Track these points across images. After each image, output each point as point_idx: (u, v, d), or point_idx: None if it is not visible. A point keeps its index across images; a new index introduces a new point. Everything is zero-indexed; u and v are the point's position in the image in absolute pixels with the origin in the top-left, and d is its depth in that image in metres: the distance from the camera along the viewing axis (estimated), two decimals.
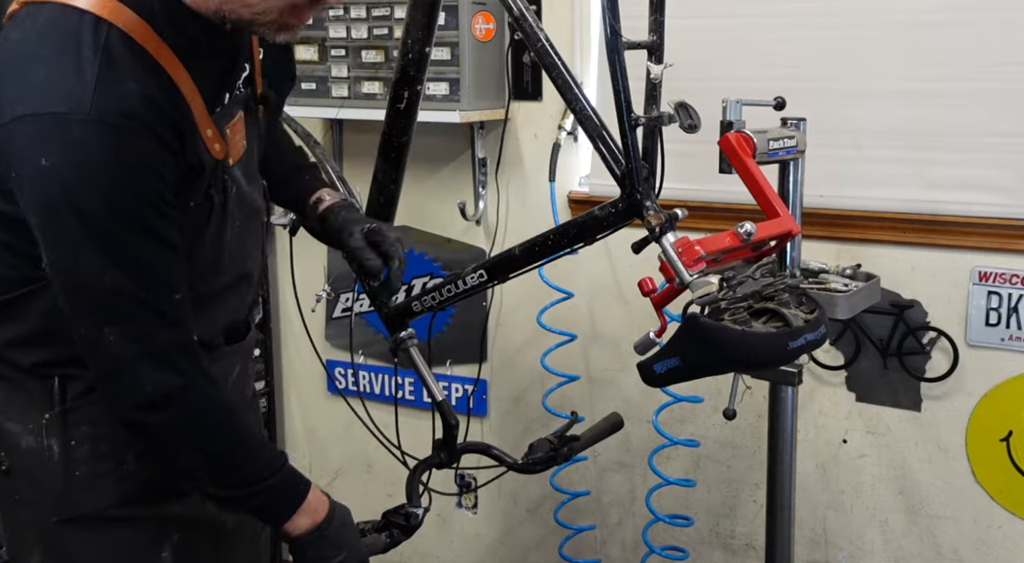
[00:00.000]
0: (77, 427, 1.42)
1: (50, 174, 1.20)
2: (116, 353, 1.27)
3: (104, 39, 1.22)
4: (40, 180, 1.21)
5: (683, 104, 1.48)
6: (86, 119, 1.19)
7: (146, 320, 1.28)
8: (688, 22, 1.48)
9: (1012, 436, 2.17)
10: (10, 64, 1.25)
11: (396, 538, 1.62)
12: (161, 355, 1.29)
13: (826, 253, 2.21)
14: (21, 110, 1.20)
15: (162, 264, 1.29)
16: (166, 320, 1.30)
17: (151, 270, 1.27)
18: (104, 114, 1.20)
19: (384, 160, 1.82)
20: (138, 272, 1.26)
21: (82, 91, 1.19)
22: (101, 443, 1.42)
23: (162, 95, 1.26)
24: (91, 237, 1.23)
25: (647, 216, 1.41)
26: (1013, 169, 2.08)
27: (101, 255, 1.23)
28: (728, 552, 2.53)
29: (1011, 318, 2.13)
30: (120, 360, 1.28)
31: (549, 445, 1.83)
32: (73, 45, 1.21)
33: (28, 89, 1.21)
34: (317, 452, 3.07)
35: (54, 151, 1.19)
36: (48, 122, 1.19)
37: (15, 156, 1.22)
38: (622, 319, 2.53)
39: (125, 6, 1.25)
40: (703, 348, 1.42)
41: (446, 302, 1.73)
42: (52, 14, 1.25)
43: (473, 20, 2.39)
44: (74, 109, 1.19)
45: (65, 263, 1.25)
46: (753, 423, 2.41)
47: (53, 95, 1.20)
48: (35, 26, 1.25)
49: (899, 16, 2.12)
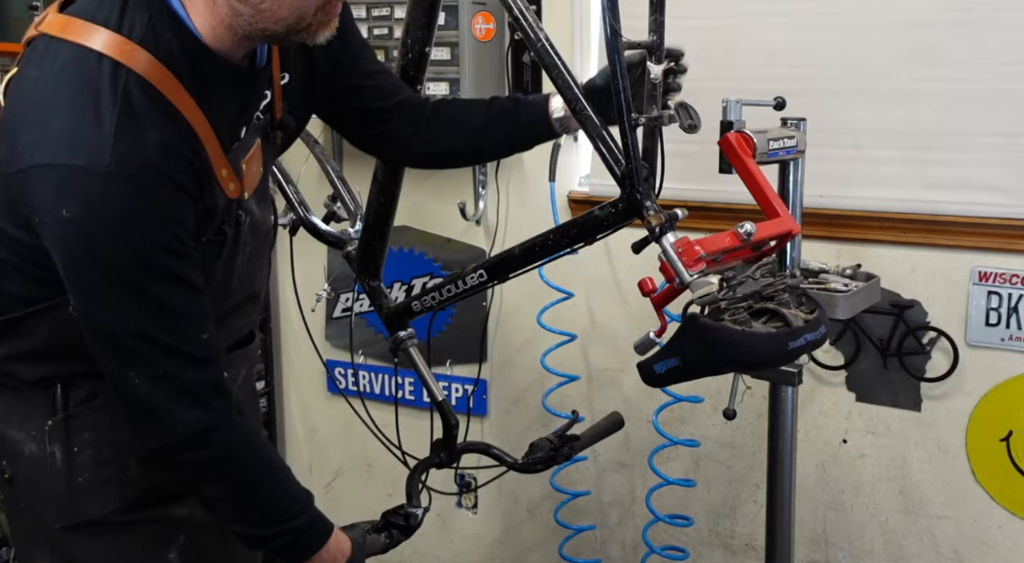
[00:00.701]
0: (80, 433, 1.42)
1: (72, 226, 1.20)
2: (145, 394, 1.28)
3: (123, 86, 1.21)
4: (62, 231, 1.22)
5: (683, 104, 1.48)
6: (106, 172, 1.18)
7: (172, 363, 1.29)
8: (688, 22, 1.48)
9: (1012, 436, 2.17)
10: (28, 107, 1.24)
11: (395, 538, 1.62)
12: (191, 394, 1.30)
13: (826, 253, 2.21)
14: (40, 158, 1.20)
15: (187, 306, 1.29)
16: (194, 360, 1.31)
17: (176, 314, 1.28)
18: (123, 166, 1.19)
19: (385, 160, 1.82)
20: (163, 317, 1.27)
21: (101, 143, 1.18)
22: (103, 449, 1.43)
23: (180, 141, 1.25)
24: (114, 286, 1.24)
25: (647, 216, 1.41)
26: (1013, 169, 2.08)
27: (125, 303, 1.24)
28: (728, 552, 2.53)
29: (1011, 318, 2.13)
30: (151, 400, 1.29)
31: (549, 445, 1.83)
32: (91, 93, 1.20)
33: (46, 137, 1.20)
34: (317, 452, 3.07)
35: (74, 203, 1.19)
36: (67, 174, 1.19)
37: (36, 202, 1.22)
38: (622, 319, 2.53)
39: (142, 48, 1.23)
40: (703, 348, 1.42)
41: (446, 302, 1.72)
42: (69, 56, 1.23)
43: (473, 20, 2.39)
44: (93, 162, 1.18)
45: (89, 309, 1.26)
46: (753, 423, 2.41)
47: (72, 146, 1.19)
48: (52, 68, 1.23)
49: (899, 16, 2.12)
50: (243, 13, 1.26)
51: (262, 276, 1.61)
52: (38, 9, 2.76)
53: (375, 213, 1.85)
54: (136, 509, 1.44)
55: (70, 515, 1.43)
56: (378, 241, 1.88)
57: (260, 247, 1.55)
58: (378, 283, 1.92)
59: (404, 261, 2.75)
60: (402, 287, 2.78)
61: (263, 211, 1.52)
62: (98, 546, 1.44)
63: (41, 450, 1.42)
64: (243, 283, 1.51)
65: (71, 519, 1.43)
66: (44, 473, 1.42)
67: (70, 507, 1.43)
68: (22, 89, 1.26)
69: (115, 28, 1.23)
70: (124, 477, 1.43)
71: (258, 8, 1.25)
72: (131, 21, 1.24)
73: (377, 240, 1.88)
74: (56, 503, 1.43)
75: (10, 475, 1.46)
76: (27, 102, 1.24)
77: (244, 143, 1.39)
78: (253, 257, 1.51)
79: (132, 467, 1.43)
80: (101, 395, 1.41)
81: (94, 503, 1.43)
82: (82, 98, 1.20)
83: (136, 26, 1.24)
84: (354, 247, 1.96)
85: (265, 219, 1.54)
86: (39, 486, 1.44)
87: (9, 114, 1.26)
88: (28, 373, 1.42)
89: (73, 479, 1.42)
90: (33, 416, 1.42)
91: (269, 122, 1.46)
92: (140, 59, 1.22)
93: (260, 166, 1.46)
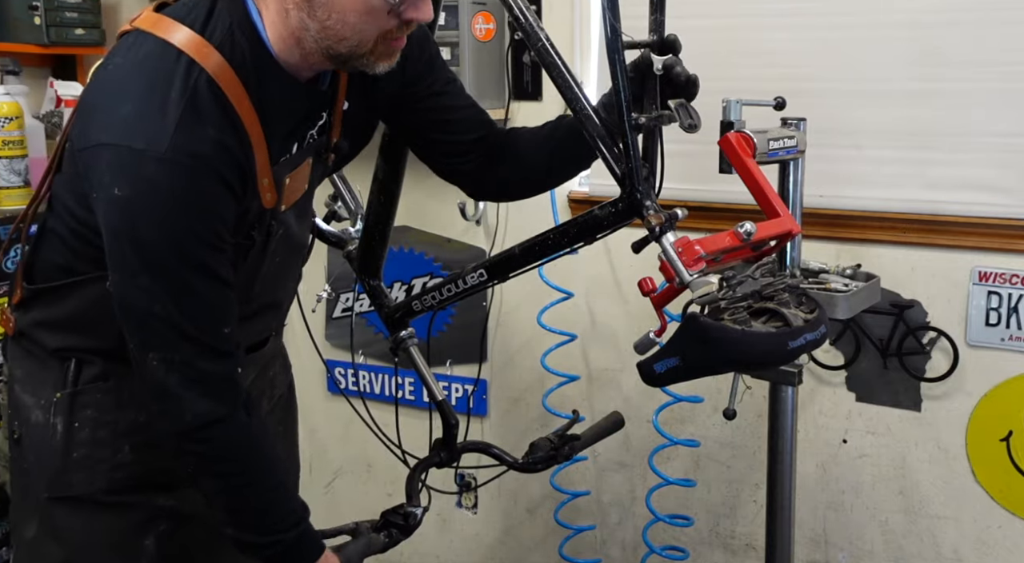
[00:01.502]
0: (83, 410, 1.47)
1: (120, 203, 1.27)
2: (160, 378, 1.33)
3: (193, 83, 1.27)
4: (111, 207, 1.28)
5: (683, 104, 1.47)
6: (161, 157, 1.24)
7: (190, 351, 1.33)
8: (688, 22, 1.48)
9: (1012, 436, 2.17)
10: (105, 91, 1.32)
11: (395, 538, 1.62)
12: (203, 384, 1.34)
13: (826, 253, 2.21)
14: (105, 138, 1.27)
15: (214, 299, 1.34)
16: (212, 352, 1.34)
17: (202, 304, 1.33)
18: (178, 154, 1.25)
19: (385, 160, 1.82)
20: (189, 305, 1.31)
21: (162, 131, 1.25)
22: (101, 430, 1.48)
23: (235, 142, 1.31)
24: (148, 266, 1.29)
25: (647, 216, 1.41)
26: (1013, 169, 2.08)
27: (155, 284, 1.29)
28: (728, 552, 2.53)
29: (1011, 318, 2.13)
30: (164, 384, 1.33)
31: (549, 444, 1.83)
32: (164, 84, 1.27)
33: (114, 120, 1.27)
34: (317, 452, 3.07)
35: (127, 183, 1.26)
36: (125, 155, 1.25)
37: (95, 179, 1.29)
38: (622, 319, 2.53)
39: (218, 51, 1.30)
40: (703, 348, 1.42)
41: (446, 301, 1.72)
42: (152, 49, 1.30)
43: (473, 20, 2.39)
44: (151, 146, 1.25)
45: (122, 286, 1.31)
46: (753, 423, 2.41)
47: (135, 130, 1.26)
48: (135, 58, 1.31)
49: (899, 16, 2.12)
50: (311, 28, 1.31)
51: (289, 287, 1.67)
52: (38, 9, 2.76)
53: (376, 213, 1.85)
54: (122, 492, 1.49)
55: (60, 487, 1.48)
56: (378, 241, 1.88)
57: (291, 260, 1.60)
58: (378, 283, 1.92)
59: (404, 261, 2.76)
60: (402, 287, 2.78)
61: (300, 226, 1.58)
62: (80, 521, 1.49)
63: (45, 420, 1.48)
64: (266, 290, 1.55)
65: (60, 491, 1.48)
66: (44, 442, 1.48)
67: (61, 480, 1.48)
68: (105, 73, 1.34)
69: (199, 30, 1.31)
70: (116, 460, 1.48)
71: (324, 25, 1.30)
72: (214, 26, 1.31)
73: (377, 240, 1.88)
74: (49, 473, 1.48)
75: (19, 435, 1.52)
76: (105, 85, 1.32)
77: (293, 159, 1.44)
78: (282, 268, 1.56)
79: (126, 451, 1.48)
80: (112, 377, 1.47)
81: (83, 479, 1.48)
82: (155, 88, 1.27)
83: (217, 30, 1.31)
84: (355, 246, 1.96)
85: (301, 234, 1.60)
86: (38, 454, 1.49)
87: (88, 95, 1.35)
88: (50, 341, 1.48)
89: (68, 454, 1.47)
90: (46, 385, 1.48)
91: (324, 144, 1.51)
92: (213, 61, 1.29)
93: (305, 183, 1.51)
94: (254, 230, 1.42)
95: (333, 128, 1.51)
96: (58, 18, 2.79)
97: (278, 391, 1.79)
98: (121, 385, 1.46)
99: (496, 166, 1.66)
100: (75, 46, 2.89)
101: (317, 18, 1.30)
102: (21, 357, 1.53)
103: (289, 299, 1.70)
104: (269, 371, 1.73)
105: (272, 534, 1.42)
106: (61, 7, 2.79)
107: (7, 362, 1.57)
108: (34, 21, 2.76)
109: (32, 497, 1.51)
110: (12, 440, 1.54)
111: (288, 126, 1.41)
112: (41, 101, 2.88)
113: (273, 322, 1.68)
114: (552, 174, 1.69)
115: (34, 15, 2.75)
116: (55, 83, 2.83)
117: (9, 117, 2.41)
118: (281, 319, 1.72)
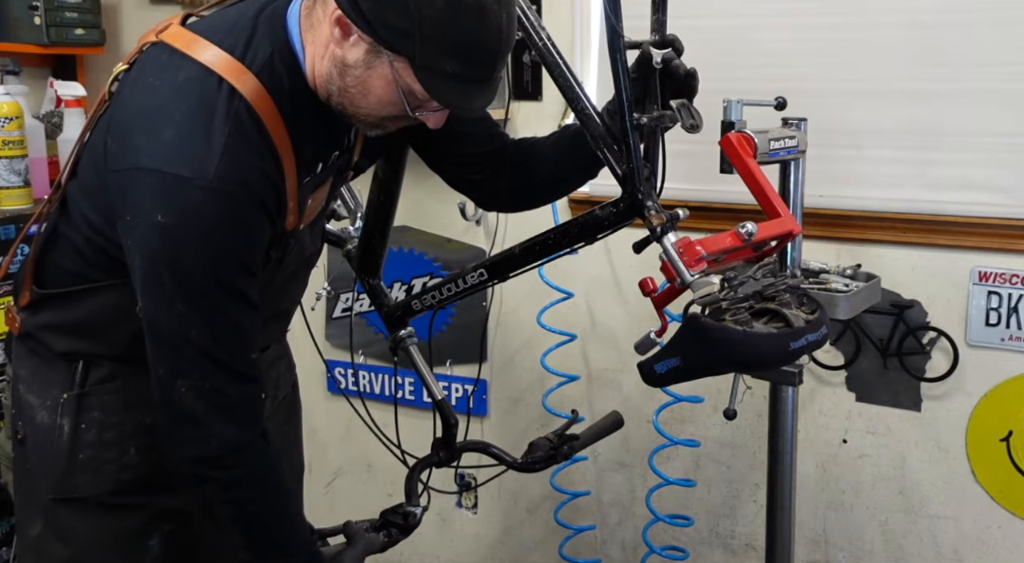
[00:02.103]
0: (90, 411, 1.47)
1: (163, 230, 1.26)
2: (188, 406, 1.32)
3: (235, 110, 1.27)
4: (152, 233, 1.27)
5: (684, 104, 1.47)
6: (207, 186, 1.24)
7: (220, 377, 1.33)
8: (688, 22, 1.48)
9: (1012, 436, 2.17)
10: (145, 113, 1.30)
11: (394, 537, 1.62)
12: (230, 410, 1.34)
13: (826, 253, 2.21)
14: (147, 163, 1.26)
15: (245, 324, 1.34)
16: (241, 378, 1.35)
17: (235, 330, 1.33)
18: (224, 183, 1.25)
19: (385, 160, 1.81)
20: (223, 332, 1.32)
21: (208, 158, 1.24)
22: (108, 431, 1.47)
23: (273, 168, 1.32)
24: (186, 294, 1.28)
25: (648, 216, 1.41)
26: (1013, 169, 2.08)
27: (192, 312, 1.29)
28: (728, 552, 2.53)
29: (1011, 318, 2.13)
30: (192, 413, 1.32)
31: (549, 444, 1.83)
32: (207, 111, 1.27)
33: (157, 144, 1.26)
34: (317, 452, 3.06)
35: (172, 211, 1.25)
36: (171, 182, 1.25)
37: (132, 202, 1.27)
38: (622, 319, 2.53)
39: (252, 73, 1.29)
40: (704, 348, 1.42)
41: (446, 301, 1.72)
42: (193, 74, 1.29)
43: None
44: (197, 174, 1.24)
45: (157, 312, 1.30)
46: (753, 423, 2.41)
47: (181, 157, 1.25)
48: (175, 80, 1.30)
49: (899, 16, 2.12)
50: (334, 82, 1.32)
51: (296, 296, 1.68)
52: (38, 9, 2.76)
53: (375, 212, 1.85)
54: (127, 493, 1.49)
55: (65, 489, 1.48)
56: (378, 240, 1.88)
57: (302, 271, 1.62)
58: (378, 282, 1.92)
59: (404, 261, 2.75)
60: (402, 287, 2.78)
61: (313, 238, 1.59)
62: (84, 521, 1.49)
63: (51, 421, 1.47)
64: (275, 301, 1.55)
65: (65, 492, 1.48)
66: (50, 444, 1.48)
67: (67, 481, 1.48)
68: (141, 93, 1.32)
69: (239, 56, 1.30)
70: (123, 461, 1.48)
71: (347, 87, 1.32)
72: (255, 51, 1.31)
73: (377, 239, 1.88)
74: (55, 475, 1.48)
75: (23, 436, 1.52)
76: (145, 107, 1.30)
77: (317, 178, 1.45)
78: (293, 279, 1.58)
79: (132, 453, 1.48)
80: (119, 378, 1.47)
81: (89, 481, 1.48)
82: (198, 114, 1.27)
83: (258, 57, 1.31)
84: (354, 245, 1.96)
85: (313, 244, 1.60)
86: (43, 455, 1.49)
87: (124, 115, 1.33)
88: (58, 344, 1.48)
89: (74, 455, 1.47)
90: (52, 386, 1.48)
91: (346, 163, 1.53)
92: (252, 88, 1.29)
93: (324, 201, 1.52)
94: (272, 249, 1.42)
95: (355, 148, 1.52)
96: (58, 18, 2.79)
97: (282, 391, 1.79)
98: (128, 386, 1.46)
99: (506, 177, 1.66)
100: (75, 46, 2.89)
101: (344, 81, 1.31)
102: (26, 357, 1.52)
103: (295, 306, 1.71)
104: (272, 372, 1.73)
105: (285, 557, 1.43)
106: (61, 7, 2.79)
107: (11, 362, 1.57)
108: (34, 21, 2.75)
109: (36, 497, 1.51)
110: (16, 440, 1.53)
111: (316, 149, 1.41)
112: (41, 101, 2.88)
113: (279, 331, 1.69)
114: (559, 183, 1.70)
115: (34, 15, 2.75)
116: (55, 83, 2.83)
117: (9, 117, 2.41)
118: (286, 326, 1.73)
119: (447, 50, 1.24)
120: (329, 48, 1.30)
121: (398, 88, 1.28)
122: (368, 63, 1.28)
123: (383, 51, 1.26)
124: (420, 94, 1.28)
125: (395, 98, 1.30)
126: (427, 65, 1.24)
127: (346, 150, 1.50)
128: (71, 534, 1.49)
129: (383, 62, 1.27)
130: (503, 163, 1.65)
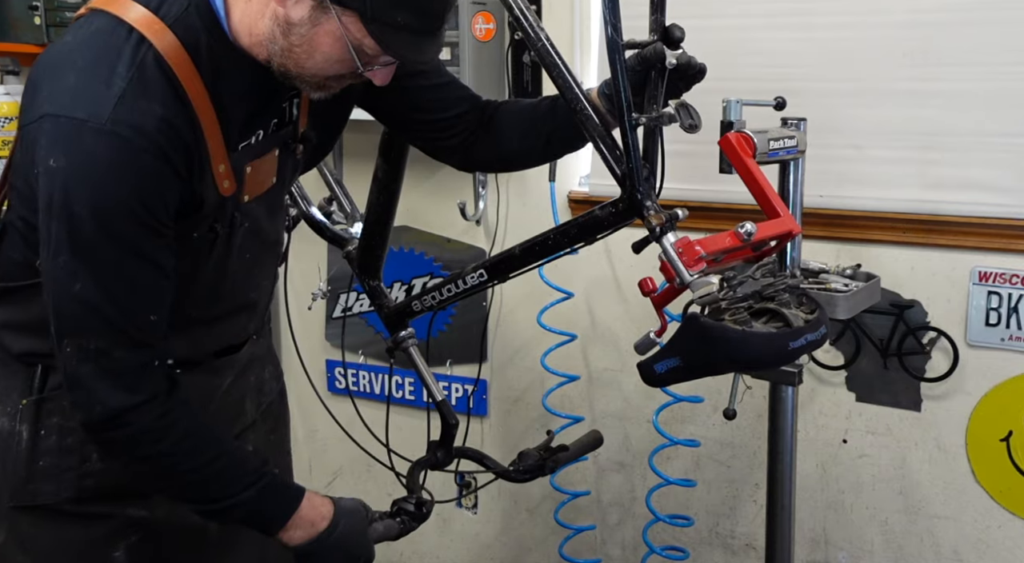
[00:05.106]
0: (49, 417, 1.43)
1: (55, 174, 1.23)
2: (72, 368, 1.28)
3: (141, 58, 1.25)
4: (47, 178, 1.24)
5: (684, 104, 1.47)
6: (100, 128, 1.21)
7: (107, 338, 1.28)
8: (688, 22, 1.48)
9: (1012, 436, 2.17)
10: (52, 65, 1.29)
11: (408, 524, 1.61)
12: (117, 374, 1.29)
13: (826, 253, 2.21)
14: (48, 109, 1.24)
15: (142, 283, 1.29)
16: (130, 340, 1.29)
17: (128, 287, 1.28)
18: (118, 126, 1.21)
19: (385, 160, 1.82)
20: (113, 287, 1.26)
21: (105, 102, 1.22)
22: (68, 437, 1.43)
23: (182, 122, 1.27)
24: (75, 242, 1.24)
25: (648, 216, 1.41)
26: (1013, 169, 2.08)
27: (80, 262, 1.24)
28: (728, 552, 2.53)
29: (1011, 318, 2.13)
30: (76, 375, 1.29)
31: (538, 454, 1.84)
32: (111, 57, 1.25)
33: (58, 91, 1.25)
34: (317, 452, 3.07)
35: (63, 154, 1.22)
36: (65, 125, 1.22)
37: (38, 152, 1.25)
38: (622, 319, 2.53)
39: (171, 30, 1.27)
40: (703, 348, 1.42)
41: (446, 301, 1.72)
42: (103, 25, 1.28)
43: (473, 20, 2.39)
44: (91, 117, 1.21)
45: (48, 262, 1.26)
46: (753, 423, 2.41)
47: (77, 101, 1.23)
48: (85, 33, 1.29)
49: (899, 16, 2.12)
50: (277, 43, 1.29)
51: (264, 286, 1.61)
52: (38, 9, 2.76)
53: (376, 212, 1.85)
54: (90, 502, 1.45)
55: (25, 496, 1.44)
56: (378, 240, 1.88)
57: (264, 257, 1.55)
58: (378, 283, 1.92)
59: (404, 261, 2.75)
60: (402, 287, 2.78)
61: (273, 221, 1.53)
62: (46, 531, 1.46)
63: (11, 427, 1.43)
64: (237, 290, 1.51)
65: (25, 500, 1.44)
66: (9, 450, 1.43)
67: (26, 489, 1.44)
68: (54, 49, 1.32)
69: (154, 9, 1.28)
70: (84, 469, 1.44)
71: (291, 46, 1.29)
72: (169, 5, 1.29)
73: (377, 239, 1.88)
74: (14, 482, 1.44)
75: None
76: (53, 60, 1.30)
77: (255, 147, 1.40)
78: (254, 264, 1.51)
79: (94, 459, 1.44)
80: None
81: (50, 489, 1.44)
82: (101, 60, 1.25)
83: (173, 10, 1.29)
84: (354, 247, 1.96)
85: (273, 229, 1.55)
86: (3, 462, 1.45)
87: (35, 71, 1.31)
88: (15, 345, 1.44)
89: (34, 462, 1.43)
90: (12, 392, 1.44)
91: (291, 133, 1.48)
92: (165, 39, 1.27)
93: (272, 175, 1.47)
94: (217, 223, 1.38)
95: (300, 117, 1.48)
96: (58, 18, 2.79)
97: (267, 398, 1.73)
98: None
99: (485, 140, 1.62)
100: None
101: (288, 39, 1.28)
102: None
103: (266, 300, 1.64)
104: (251, 375, 1.66)
105: (227, 499, 1.38)
106: (61, 7, 2.79)
107: None
108: (34, 21, 2.76)
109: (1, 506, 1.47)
110: None
111: (246, 111, 1.37)
112: None
113: (249, 324, 1.61)
114: (547, 152, 1.68)
115: (34, 15, 2.76)
116: None
117: (9, 117, 2.41)
118: (258, 321, 1.65)
119: (397, 1, 1.23)
120: (270, 7, 1.27)
121: (347, 44, 1.26)
122: (314, 20, 1.25)
123: (330, 6, 1.24)
124: (371, 48, 1.26)
125: (344, 54, 1.27)
126: (378, 17, 1.23)
127: (289, 121, 1.46)
128: (33, 543, 1.45)
129: (331, 17, 1.25)
130: (477, 126, 1.62)
